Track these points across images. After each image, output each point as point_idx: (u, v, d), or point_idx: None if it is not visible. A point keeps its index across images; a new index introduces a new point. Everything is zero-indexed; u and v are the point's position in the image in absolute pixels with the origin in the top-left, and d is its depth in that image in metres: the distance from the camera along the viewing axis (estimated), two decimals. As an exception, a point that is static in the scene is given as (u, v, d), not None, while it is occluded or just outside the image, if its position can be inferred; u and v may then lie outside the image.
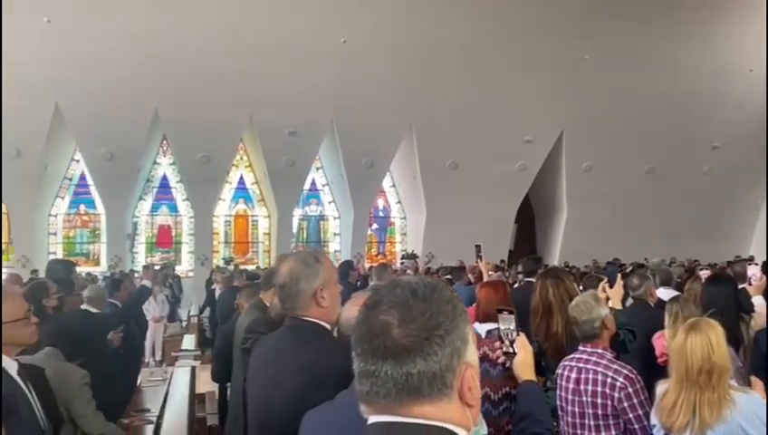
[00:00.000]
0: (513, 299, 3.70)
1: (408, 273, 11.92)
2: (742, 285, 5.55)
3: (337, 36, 15.26)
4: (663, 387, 2.65)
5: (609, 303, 3.38)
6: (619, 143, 18.32)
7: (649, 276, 4.96)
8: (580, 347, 3.10)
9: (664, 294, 5.06)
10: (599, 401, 2.92)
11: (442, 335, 0.99)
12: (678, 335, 2.61)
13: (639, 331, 3.60)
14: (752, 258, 16.01)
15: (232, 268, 14.40)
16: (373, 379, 0.99)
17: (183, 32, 14.27)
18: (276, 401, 1.94)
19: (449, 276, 8.76)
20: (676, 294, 4.81)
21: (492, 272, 6.61)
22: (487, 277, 4.90)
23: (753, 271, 7.86)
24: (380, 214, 20.34)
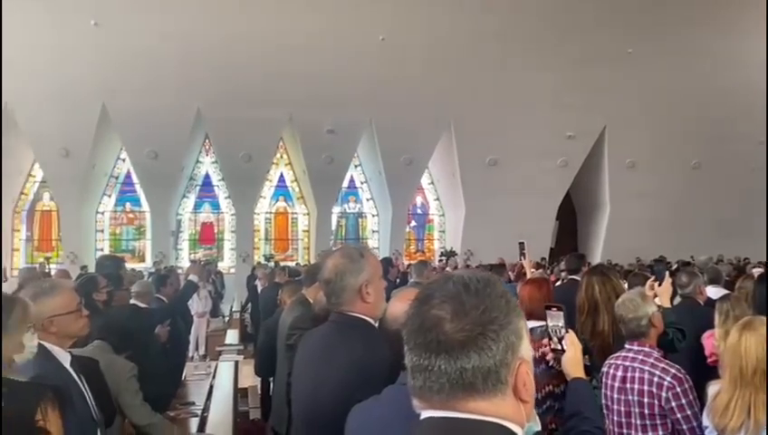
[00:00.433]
0: (555, 297, 3.65)
1: (447, 270, 11.88)
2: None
3: (375, 34, 15.28)
4: (715, 388, 2.58)
5: (656, 301, 3.31)
6: (663, 138, 17.88)
7: (699, 274, 4.83)
8: (627, 345, 3.05)
9: (712, 292, 4.93)
10: (645, 401, 2.87)
11: (496, 330, 0.98)
12: (732, 335, 2.53)
13: (688, 330, 3.51)
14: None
15: (272, 265, 14.59)
16: (426, 373, 0.99)
17: (225, 32, 14.49)
18: (323, 396, 1.96)
19: (489, 274, 8.67)
20: (726, 292, 4.67)
21: (533, 270, 6.53)
22: (530, 275, 4.84)
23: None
24: (419, 211, 20.29)
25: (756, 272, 6.68)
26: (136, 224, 18.13)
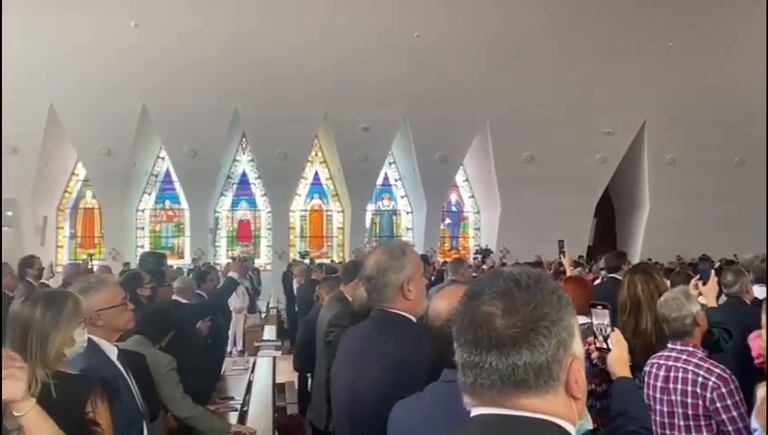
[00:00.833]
0: (594, 296, 3.60)
1: (484, 268, 11.82)
2: None
3: (410, 31, 15.25)
4: (764, 390, 2.51)
5: (700, 300, 3.25)
6: (705, 134, 17.40)
7: (745, 273, 4.70)
8: (670, 345, 3.00)
9: (758, 291, 4.80)
10: (689, 401, 2.82)
11: (548, 326, 0.97)
12: (781, 335, 2.46)
13: (734, 330, 3.43)
14: None
15: (308, 262, 14.71)
16: (477, 370, 0.98)
17: (261, 32, 14.64)
18: (365, 392, 1.97)
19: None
20: (774, 292, 4.55)
21: (571, 268, 6.45)
22: (569, 273, 4.78)
23: None
24: (453, 209, 20.19)
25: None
26: (175, 221, 18.46)
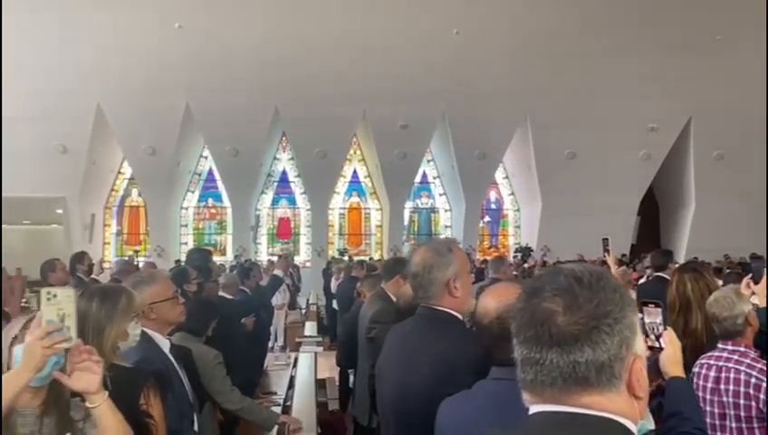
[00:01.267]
0: (639, 295, 3.54)
1: (525, 267, 11.71)
2: None
3: (450, 28, 15.18)
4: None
5: (753, 299, 3.16)
6: (753, 129, 16.80)
7: (799, 272, 4.54)
8: (720, 345, 2.92)
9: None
10: (741, 402, 2.74)
11: (610, 324, 0.97)
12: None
13: (789, 331, 3.32)
14: None
15: (346, 259, 14.80)
16: (538, 367, 0.99)
17: (301, 32, 14.78)
18: (412, 389, 1.97)
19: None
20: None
21: (616, 266, 6.34)
22: (614, 272, 4.70)
23: None
24: (493, 206, 20.04)
25: None
26: (218, 219, 18.82)
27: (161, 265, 10.44)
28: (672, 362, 1.96)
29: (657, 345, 1.98)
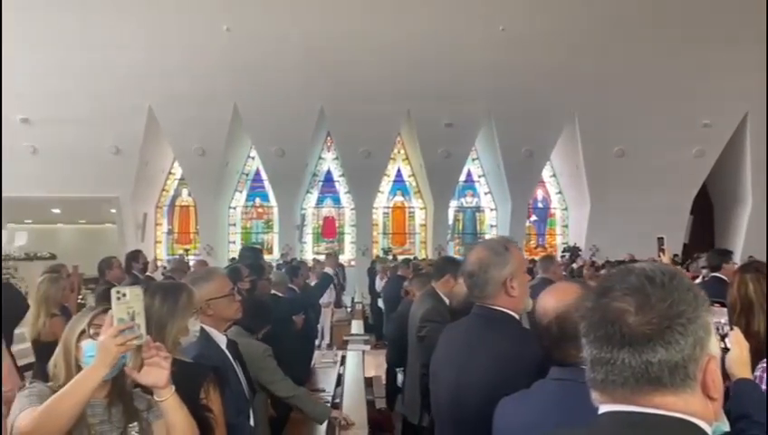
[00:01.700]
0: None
1: (574, 266, 11.52)
2: None
3: (495, 24, 15.03)
4: None
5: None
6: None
7: None
8: (784, 347, 2.80)
9: None
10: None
11: (684, 324, 0.95)
12: None
13: None
14: None
15: (391, 258, 14.83)
16: (608, 367, 0.98)
17: (345, 31, 14.85)
18: (468, 388, 1.96)
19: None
20: None
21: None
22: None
23: None
24: (540, 205, 19.77)
25: None
26: (264, 218, 19.11)
27: (211, 264, 10.66)
28: (739, 363, 1.90)
29: (722, 346, 1.92)
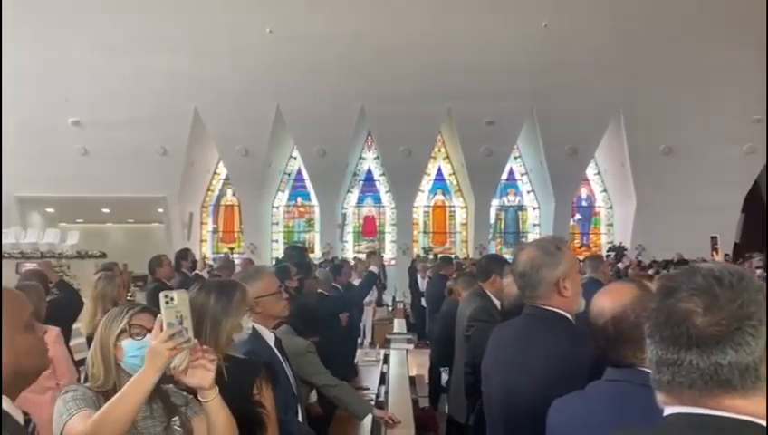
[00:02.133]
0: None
1: (619, 266, 11.30)
2: None
3: (538, 21, 14.85)
4: None
5: None
6: None
7: None
8: None
9: None
10: None
11: (755, 326, 0.94)
12: None
13: None
14: None
15: (431, 257, 14.79)
16: (675, 368, 0.97)
17: (385, 31, 14.91)
18: (520, 389, 1.96)
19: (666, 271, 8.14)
20: None
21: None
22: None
23: None
24: (584, 204, 19.46)
25: None
26: (306, 217, 19.33)
27: (255, 262, 10.83)
28: None
29: None
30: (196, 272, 6.81)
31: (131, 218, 19.90)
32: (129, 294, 7.42)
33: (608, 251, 17.40)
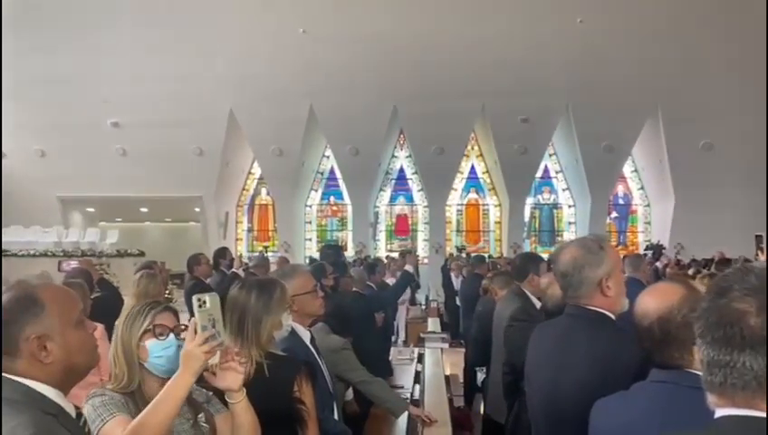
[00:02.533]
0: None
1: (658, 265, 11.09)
2: None
3: (573, 16, 14.65)
4: None
5: None
6: None
7: None
8: None
9: None
10: None
11: None
12: None
13: None
14: None
15: (464, 256, 14.71)
16: (727, 369, 0.95)
17: (417, 29, 14.91)
18: (563, 390, 1.94)
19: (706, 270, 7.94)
20: None
21: None
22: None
23: None
24: (621, 201, 19.14)
25: None
26: (339, 216, 19.44)
27: (291, 261, 10.93)
28: None
29: None
30: (233, 270, 6.91)
31: (169, 217, 20.28)
32: (167, 292, 7.56)
33: (645, 250, 17.06)
